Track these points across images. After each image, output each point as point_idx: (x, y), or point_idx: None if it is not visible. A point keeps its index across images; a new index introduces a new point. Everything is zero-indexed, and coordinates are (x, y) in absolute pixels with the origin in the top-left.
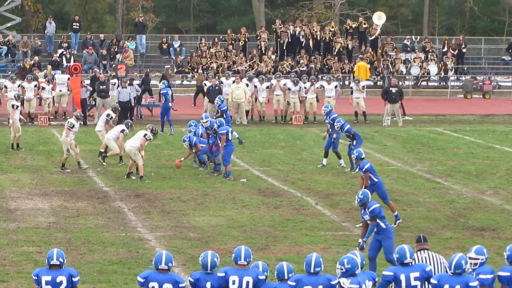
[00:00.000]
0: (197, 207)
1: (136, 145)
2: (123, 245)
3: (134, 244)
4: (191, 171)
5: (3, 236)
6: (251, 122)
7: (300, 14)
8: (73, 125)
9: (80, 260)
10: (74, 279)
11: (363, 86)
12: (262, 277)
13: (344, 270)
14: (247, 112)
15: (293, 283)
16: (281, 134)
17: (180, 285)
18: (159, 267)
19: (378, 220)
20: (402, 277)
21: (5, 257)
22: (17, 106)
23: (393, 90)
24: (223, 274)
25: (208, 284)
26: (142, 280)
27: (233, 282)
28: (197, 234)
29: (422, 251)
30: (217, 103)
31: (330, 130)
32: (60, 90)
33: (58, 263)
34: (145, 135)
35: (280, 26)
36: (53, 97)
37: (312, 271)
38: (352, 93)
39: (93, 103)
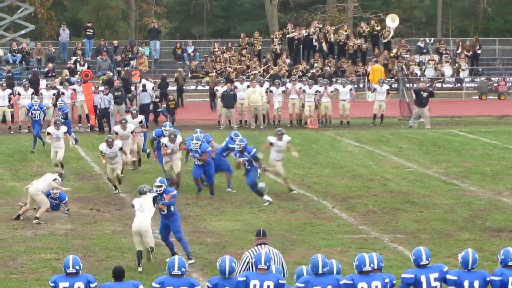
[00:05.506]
0: (214, 212)
1: (42, 187)
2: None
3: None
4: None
5: (20, 243)
6: (267, 127)
7: (314, 18)
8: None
9: (98, 266)
10: (92, 285)
11: (388, 90)
12: (282, 281)
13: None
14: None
15: (302, 285)
16: (297, 138)
17: None
18: (173, 273)
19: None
20: (423, 279)
21: (23, 265)
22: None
23: (424, 94)
24: (244, 278)
25: None
26: (157, 286)
27: (254, 286)
28: (214, 239)
29: (261, 246)
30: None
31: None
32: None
33: (75, 271)
34: (54, 179)
35: (292, 30)
36: (73, 103)
37: (320, 272)
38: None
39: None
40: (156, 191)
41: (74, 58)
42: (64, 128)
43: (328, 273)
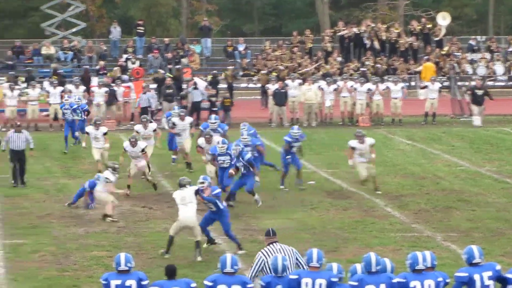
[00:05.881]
0: (267, 210)
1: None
2: (193, 248)
3: (204, 247)
4: (261, 174)
5: (73, 241)
6: (319, 124)
7: (365, 16)
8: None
9: (150, 264)
10: (143, 283)
11: (440, 88)
12: (334, 279)
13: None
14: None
15: (355, 283)
16: (349, 136)
17: (248, 286)
18: (225, 270)
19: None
20: (477, 278)
21: (75, 262)
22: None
23: (479, 92)
24: (296, 277)
25: (279, 287)
26: (210, 284)
27: (306, 285)
28: None
29: (274, 244)
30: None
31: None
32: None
33: (127, 268)
34: (107, 180)
35: (343, 28)
36: (126, 101)
37: (373, 270)
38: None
39: (160, 107)
40: (200, 187)
41: (125, 56)
42: (103, 129)
43: (381, 272)
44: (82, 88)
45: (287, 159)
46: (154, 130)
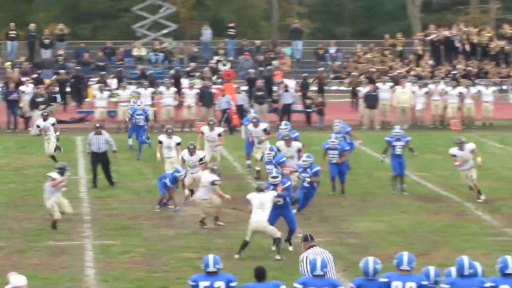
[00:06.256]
0: (357, 213)
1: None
2: (284, 251)
3: (294, 250)
4: (351, 177)
5: (163, 242)
6: (410, 127)
7: (456, 19)
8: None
9: (239, 266)
10: (232, 285)
11: None
12: (425, 282)
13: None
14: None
15: (447, 286)
16: (440, 139)
17: None
18: (315, 273)
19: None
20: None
21: (165, 263)
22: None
23: None
24: (387, 280)
25: None
26: (299, 287)
27: None
28: (357, 240)
29: (313, 248)
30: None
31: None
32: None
33: (215, 270)
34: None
35: (434, 31)
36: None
37: (466, 273)
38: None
39: (250, 109)
40: (272, 182)
41: (216, 58)
42: (177, 139)
43: (473, 275)
44: (173, 89)
45: (391, 161)
46: (219, 135)
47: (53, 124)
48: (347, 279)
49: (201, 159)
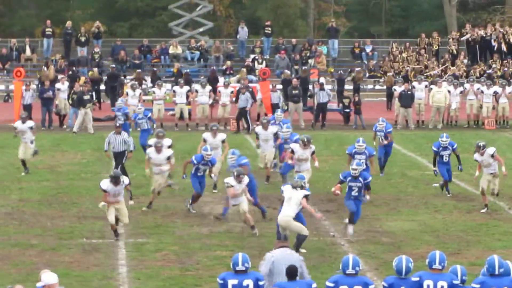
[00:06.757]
0: (390, 212)
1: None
2: (316, 249)
3: (327, 248)
4: (385, 176)
5: (196, 240)
6: (444, 127)
7: (492, 18)
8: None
9: None
10: (261, 283)
11: None
12: (456, 281)
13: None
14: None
15: (477, 286)
16: (473, 138)
17: (370, 287)
18: (347, 272)
19: None
20: None
21: (198, 261)
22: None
23: None
24: (418, 279)
25: None
26: (332, 285)
27: (428, 287)
28: (390, 239)
29: (283, 248)
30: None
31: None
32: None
33: (244, 268)
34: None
35: (470, 30)
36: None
37: (496, 272)
38: None
39: (285, 107)
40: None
41: (252, 56)
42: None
43: (504, 275)
44: (208, 88)
45: (439, 168)
46: (223, 142)
47: (31, 128)
48: (379, 278)
49: (223, 140)
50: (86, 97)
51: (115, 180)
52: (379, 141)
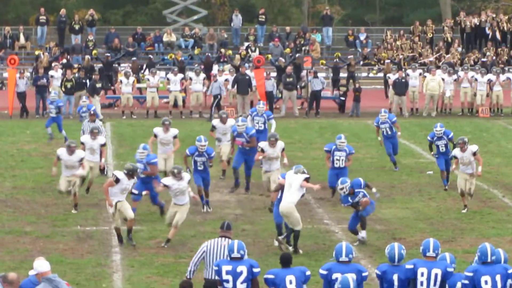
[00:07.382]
0: (384, 200)
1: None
2: (310, 237)
3: (321, 236)
4: (378, 164)
5: (190, 228)
6: (438, 115)
7: (487, 6)
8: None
9: (267, 251)
10: (255, 270)
11: None
12: (450, 269)
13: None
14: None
15: (471, 274)
16: (468, 126)
17: (363, 274)
18: (340, 259)
19: None
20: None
21: (192, 249)
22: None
23: None
24: (412, 266)
25: (395, 276)
26: (325, 273)
27: (422, 274)
28: (384, 226)
29: (223, 238)
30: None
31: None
32: None
33: (239, 255)
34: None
35: (464, 18)
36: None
37: (488, 260)
38: None
39: (279, 95)
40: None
41: (246, 44)
42: (101, 140)
43: (496, 262)
44: (202, 75)
45: (436, 156)
46: (175, 137)
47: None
48: (373, 265)
49: (175, 136)
50: (98, 85)
51: (131, 174)
52: (383, 134)
